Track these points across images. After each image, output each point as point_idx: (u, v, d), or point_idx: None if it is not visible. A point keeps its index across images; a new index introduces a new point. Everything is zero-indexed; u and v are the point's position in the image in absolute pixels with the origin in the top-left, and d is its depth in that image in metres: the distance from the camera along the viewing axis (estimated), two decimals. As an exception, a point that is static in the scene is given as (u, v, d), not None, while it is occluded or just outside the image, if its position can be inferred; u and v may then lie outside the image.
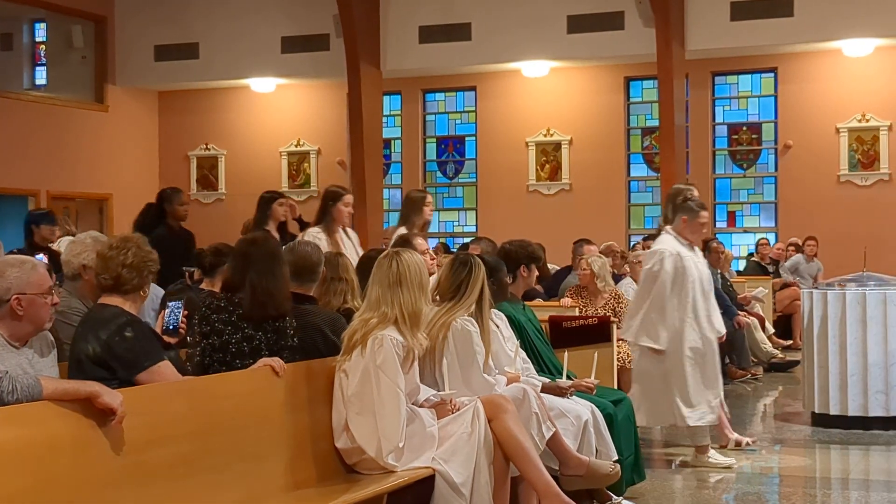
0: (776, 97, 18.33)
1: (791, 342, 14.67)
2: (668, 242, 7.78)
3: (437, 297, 6.03)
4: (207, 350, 5.42)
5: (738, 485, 7.44)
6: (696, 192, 8.31)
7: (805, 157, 17.87)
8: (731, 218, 18.84)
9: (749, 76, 18.64)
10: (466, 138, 20.00)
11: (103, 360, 4.81)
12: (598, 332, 7.61)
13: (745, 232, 18.59)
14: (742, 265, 17.29)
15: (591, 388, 6.58)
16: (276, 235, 8.49)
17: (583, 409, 6.29)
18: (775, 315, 15.25)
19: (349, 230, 8.69)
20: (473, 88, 19.63)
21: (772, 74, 18.34)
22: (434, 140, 20.25)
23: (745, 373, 12.57)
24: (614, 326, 7.75)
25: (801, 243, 16.88)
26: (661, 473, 7.65)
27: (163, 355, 4.98)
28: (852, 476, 7.67)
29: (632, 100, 19.07)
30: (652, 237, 13.35)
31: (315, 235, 8.14)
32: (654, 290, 7.64)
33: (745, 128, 18.71)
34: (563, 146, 19.05)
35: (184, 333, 5.50)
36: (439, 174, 20.24)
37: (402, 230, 8.34)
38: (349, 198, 8.55)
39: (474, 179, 19.76)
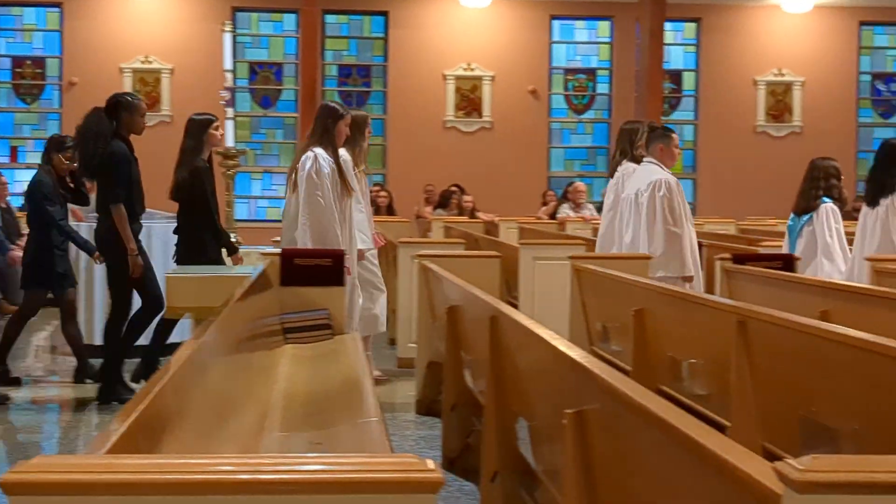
0: (61, 32, 18.13)
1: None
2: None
3: None
4: None
5: (11, 415, 7.37)
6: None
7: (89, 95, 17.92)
8: (14, 153, 18.36)
9: (34, 9, 18.23)
10: None
11: None
12: None
13: (28, 168, 18.21)
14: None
15: None
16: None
17: None
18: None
19: None
20: None
21: (57, 9, 18.11)
22: None
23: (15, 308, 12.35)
24: None
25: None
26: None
27: None
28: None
29: None
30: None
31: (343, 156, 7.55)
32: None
33: (29, 62, 18.29)
34: None
35: None
36: None
37: None
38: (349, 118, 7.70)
39: None
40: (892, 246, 7.49)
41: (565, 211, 15.37)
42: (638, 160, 7.98)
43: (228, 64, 9.64)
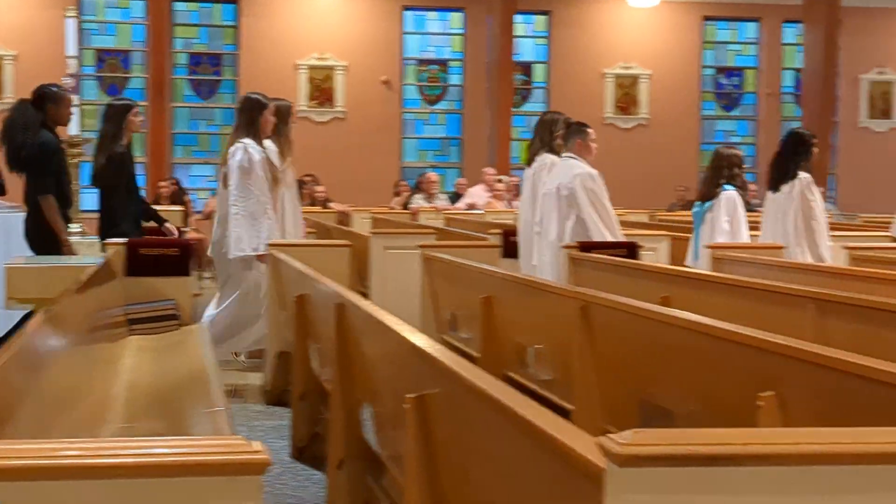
0: None
1: None
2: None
3: None
4: None
5: None
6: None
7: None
8: None
9: None
10: None
11: None
12: None
13: None
14: None
15: None
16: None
17: None
18: None
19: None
20: None
21: None
22: None
23: None
24: None
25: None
26: None
27: None
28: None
29: None
30: None
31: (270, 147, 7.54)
32: None
33: None
34: None
35: None
36: None
37: None
38: (273, 108, 7.71)
39: None
40: (789, 232, 7.78)
41: (418, 201, 15.43)
42: (556, 150, 8.15)
43: (72, 50, 9.40)
